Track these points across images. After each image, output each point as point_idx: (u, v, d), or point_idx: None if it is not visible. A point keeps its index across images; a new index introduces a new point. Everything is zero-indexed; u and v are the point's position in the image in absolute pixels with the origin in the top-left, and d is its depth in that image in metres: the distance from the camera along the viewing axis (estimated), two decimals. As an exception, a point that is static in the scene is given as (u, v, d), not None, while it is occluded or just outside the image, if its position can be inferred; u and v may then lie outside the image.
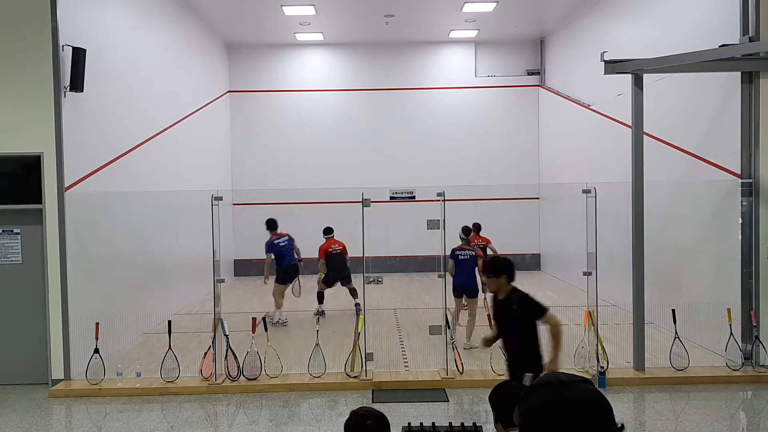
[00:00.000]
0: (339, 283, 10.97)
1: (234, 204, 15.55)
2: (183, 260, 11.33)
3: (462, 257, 8.78)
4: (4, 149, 7.38)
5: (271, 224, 10.66)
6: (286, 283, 10.52)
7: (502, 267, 4.80)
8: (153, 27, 10.78)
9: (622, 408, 6.62)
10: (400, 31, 14.77)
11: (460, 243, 9.04)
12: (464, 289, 8.81)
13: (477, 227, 10.76)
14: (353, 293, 10.92)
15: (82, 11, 8.04)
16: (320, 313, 10.64)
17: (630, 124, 7.78)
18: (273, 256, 10.32)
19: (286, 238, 10.60)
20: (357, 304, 10.67)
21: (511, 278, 4.79)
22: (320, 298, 11.01)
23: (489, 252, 10.71)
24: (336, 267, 10.89)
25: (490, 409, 2.79)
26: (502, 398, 2.71)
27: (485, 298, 8.81)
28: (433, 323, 7.85)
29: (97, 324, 7.27)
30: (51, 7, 7.24)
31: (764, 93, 7.49)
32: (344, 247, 10.93)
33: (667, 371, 7.35)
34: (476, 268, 8.65)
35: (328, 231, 11.13)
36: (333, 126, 16.12)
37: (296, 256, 10.68)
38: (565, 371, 1.52)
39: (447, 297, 7.70)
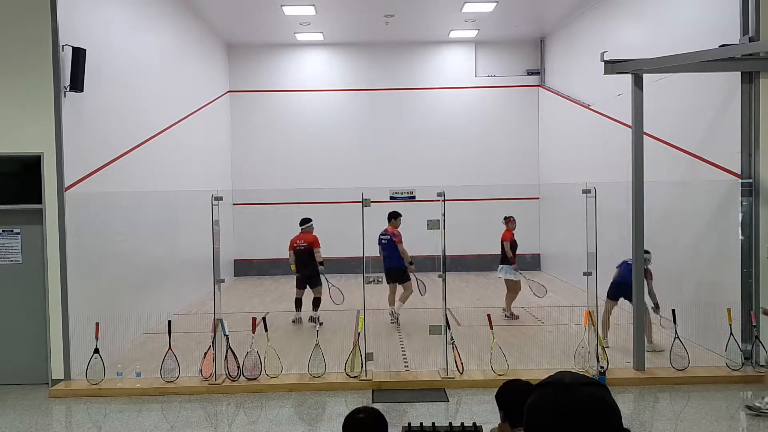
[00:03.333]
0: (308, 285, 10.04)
1: (234, 204, 15.55)
2: (183, 260, 11.33)
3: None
4: (4, 149, 7.38)
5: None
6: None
7: None
8: (153, 27, 10.78)
9: (622, 408, 6.53)
10: (400, 31, 14.76)
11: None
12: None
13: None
14: (314, 303, 9.95)
15: (82, 11, 8.04)
16: (297, 321, 10.03)
17: (630, 124, 7.78)
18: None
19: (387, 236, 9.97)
20: (311, 318, 9.90)
21: None
22: (297, 304, 10.13)
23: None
24: (301, 265, 9.99)
25: (496, 408, 2.72)
26: (509, 397, 2.65)
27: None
28: (433, 323, 7.84)
29: (97, 324, 7.27)
30: (51, 7, 7.24)
31: (764, 93, 7.49)
32: (313, 242, 9.90)
33: (667, 371, 7.35)
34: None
35: (302, 222, 10.22)
36: (333, 126, 16.10)
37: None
38: (574, 371, 1.52)
39: (447, 297, 7.69)
